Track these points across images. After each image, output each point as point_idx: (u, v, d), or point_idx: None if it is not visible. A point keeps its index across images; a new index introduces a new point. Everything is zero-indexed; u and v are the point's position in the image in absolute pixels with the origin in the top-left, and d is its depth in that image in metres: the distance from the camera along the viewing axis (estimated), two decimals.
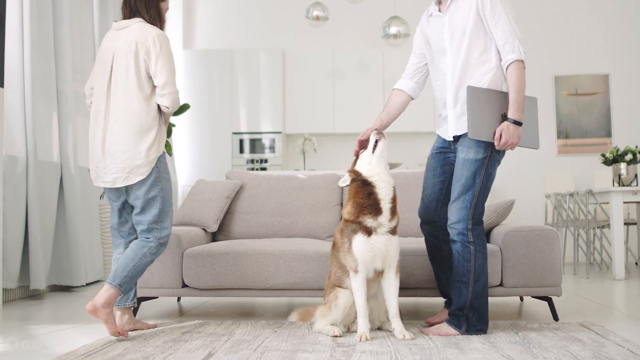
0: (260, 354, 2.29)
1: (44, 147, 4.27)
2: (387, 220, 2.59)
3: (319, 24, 6.33)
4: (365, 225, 2.58)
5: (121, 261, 2.69)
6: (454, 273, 2.70)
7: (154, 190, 2.72)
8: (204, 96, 7.11)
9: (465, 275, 2.64)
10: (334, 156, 7.35)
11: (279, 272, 3.13)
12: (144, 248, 2.72)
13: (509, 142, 2.59)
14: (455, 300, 2.68)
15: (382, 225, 2.59)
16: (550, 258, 3.06)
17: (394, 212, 2.63)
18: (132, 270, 2.67)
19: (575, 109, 7.33)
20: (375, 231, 2.58)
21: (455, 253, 2.68)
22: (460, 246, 2.65)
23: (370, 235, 2.58)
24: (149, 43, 2.74)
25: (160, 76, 2.71)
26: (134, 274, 2.68)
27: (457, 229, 2.65)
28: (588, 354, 2.24)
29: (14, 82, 4.02)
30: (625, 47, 7.35)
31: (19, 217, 3.94)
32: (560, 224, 6.06)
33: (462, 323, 2.65)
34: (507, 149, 2.65)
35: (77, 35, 4.88)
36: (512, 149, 2.64)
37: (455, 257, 2.68)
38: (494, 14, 2.63)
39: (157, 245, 2.74)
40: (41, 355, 2.37)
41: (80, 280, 4.41)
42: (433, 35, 2.82)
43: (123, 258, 2.70)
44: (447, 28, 2.74)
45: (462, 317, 2.65)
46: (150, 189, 2.72)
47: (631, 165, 5.46)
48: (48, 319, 3.30)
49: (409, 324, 2.87)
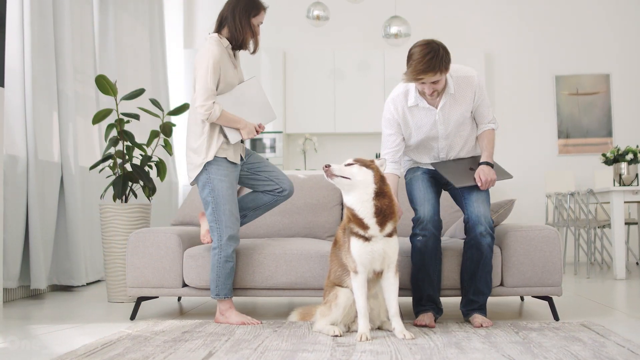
0: (261, 354, 2.29)
1: (45, 146, 4.27)
2: (377, 232, 2.57)
3: (320, 24, 6.33)
4: (359, 233, 2.59)
5: (210, 276, 3.03)
6: (485, 265, 2.91)
7: (204, 191, 2.99)
8: None
9: (490, 266, 2.94)
10: (335, 156, 7.34)
11: (279, 272, 3.13)
12: (213, 258, 3.00)
13: (489, 179, 2.95)
14: (486, 290, 2.95)
15: (375, 235, 2.58)
16: (550, 258, 3.06)
17: (383, 223, 2.58)
18: (219, 279, 2.99)
19: (576, 108, 7.32)
20: (371, 239, 2.58)
21: (487, 247, 2.88)
22: (490, 240, 2.88)
23: (367, 241, 2.58)
24: (197, 55, 2.99)
25: (194, 89, 2.94)
26: (223, 280, 2.99)
27: (486, 224, 2.88)
28: (589, 354, 2.24)
29: (15, 82, 4.02)
30: (626, 46, 7.34)
31: (20, 217, 3.94)
32: (561, 224, 6.05)
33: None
34: (489, 186, 2.97)
35: (78, 34, 4.88)
36: (493, 185, 2.97)
37: (486, 251, 2.89)
38: (483, 98, 3.02)
39: (219, 246, 2.96)
40: (41, 355, 2.37)
41: (80, 280, 4.41)
42: (420, 124, 3.01)
43: (210, 272, 3.03)
44: (440, 121, 2.99)
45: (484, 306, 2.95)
46: (202, 190, 3.00)
47: (632, 165, 5.45)
48: (48, 318, 3.30)
49: (408, 323, 2.87)
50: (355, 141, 7.34)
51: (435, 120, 2.98)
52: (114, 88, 3.93)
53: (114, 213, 3.92)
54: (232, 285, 3.04)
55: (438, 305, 2.98)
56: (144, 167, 4.04)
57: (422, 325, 2.83)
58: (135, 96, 4.01)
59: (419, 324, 2.85)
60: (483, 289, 2.95)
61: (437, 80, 2.81)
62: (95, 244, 4.86)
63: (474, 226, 2.90)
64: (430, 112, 2.97)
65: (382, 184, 2.62)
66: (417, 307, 2.99)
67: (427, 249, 2.92)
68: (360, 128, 7.19)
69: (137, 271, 3.20)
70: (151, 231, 3.25)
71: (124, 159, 4.01)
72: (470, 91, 2.96)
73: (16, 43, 4.04)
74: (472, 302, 2.95)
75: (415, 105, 2.97)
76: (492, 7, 7.47)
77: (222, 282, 2.99)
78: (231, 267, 3.00)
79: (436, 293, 2.98)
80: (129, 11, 5.90)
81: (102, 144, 5.08)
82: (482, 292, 2.95)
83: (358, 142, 7.32)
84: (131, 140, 4.01)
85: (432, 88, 2.84)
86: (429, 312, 2.93)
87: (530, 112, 7.38)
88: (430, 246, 2.93)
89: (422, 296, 2.97)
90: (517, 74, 7.42)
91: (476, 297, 2.94)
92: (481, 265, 2.92)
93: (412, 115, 3.00)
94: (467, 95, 2.96)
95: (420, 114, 2.99)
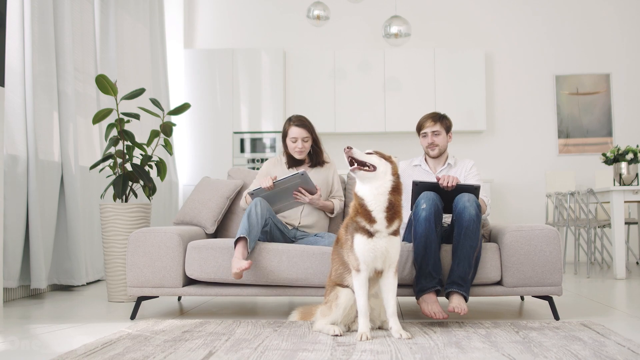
0: (261, 353, 2.29)
1: (45, 146, 4.27)
2: (383, 227, 2.56)
3: (320, 24, 6.33)
4: (364, 227, 2.58)
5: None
6: (467, 237, 2.91)
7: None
8: (205, 96, 7.12)
9: (475, 241, 2.92)
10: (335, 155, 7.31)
11: (282, 267, 3.12)
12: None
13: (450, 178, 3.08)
14: (466, 265, 2.91)
15: (380, 231, 2.57)
16: (551, 257, 3.06)
17: (391, 219, 2.56)
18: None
19: (576, 108, 7.32)
20: (375, 234, 2.58)
21: (469, 218, 2.91)
22: (474, 212, 2.92)
23: (371, 237, 2.57)
24: None
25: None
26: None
27: (471, 200, 2.95)
28: (589, 353, 2.24)
29: (15, 81, 4.02)
30: (626, 46, 7.34)
31: (20, 217, 3.94)
32: (561, 224, 6.05)
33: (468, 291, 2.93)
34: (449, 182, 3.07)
35: (78, 34, 4.88)
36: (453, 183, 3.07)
37: (468, 222, 2.91)
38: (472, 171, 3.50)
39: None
40: (41, 355, 2.37)
41: (80, 280, 4.41)
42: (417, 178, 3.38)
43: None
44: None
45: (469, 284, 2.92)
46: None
47: (632, 164, 5.45)
48: (48, 318, 3.30)
49: (409, 323, 2.87)
50: (355, 141, 7.33)
51: (430, 179, 3.39)
52: (114, 88, 3.93)
53: (114, 213, 3.92)
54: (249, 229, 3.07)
55: (439, 277, 2.93)
56: (144, 166, 4.04)
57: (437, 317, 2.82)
58: (136, 96, 4.01)
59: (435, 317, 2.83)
60: (463, 264, 2.89)
61: (438, 133, 3.45)
62: (95, 243, 4.86)
63: (457, 202, 2.99)
64: (429, 175, 3.48)
65: (398, 180, 2.63)
66: (421, 280, 2.94)
67: (431, 218, 2.92)
68: (360, 128, 7.19)
69: (137, 271, 3.20)
70: (151, 231, 3.25)
71: (124, 158, 4.01)
72: (467, 165, 3.52)
73: (16, 42, 4.04)
74: (452, 273, 2.91)
75: (419, 165, 3.58)
76: (492, 7, 7.47)
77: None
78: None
79: (438, 263, 2.95)
80: (130, 11, 5.91)
81: (102, 144, 5.08)
82: (462, 265, 2.89)
83: (358, 142, 7.32)
84: (131, 140, 4.01)
85: (433, 139, 3.46)
86: (431, 292, 2.89)
87: (530, 112, 7.38)
88: (433, 217, 2.92)
89: (427, 264, 2.93)
90: (518, 73, 7.42)
91: (457, 267, 2.90)
92: (463, 237, 2.90)
93: (413, 171, 3.55)
94: (463, 167, 3.51)
95: (420, 173, 3.53)
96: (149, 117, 4.96)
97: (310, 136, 3.59)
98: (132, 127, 4.30)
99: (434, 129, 3.46)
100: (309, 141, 3.59)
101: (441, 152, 3.51)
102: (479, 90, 7.12)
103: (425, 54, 7.19)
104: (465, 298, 2.91)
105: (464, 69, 7.16)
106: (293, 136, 3.54)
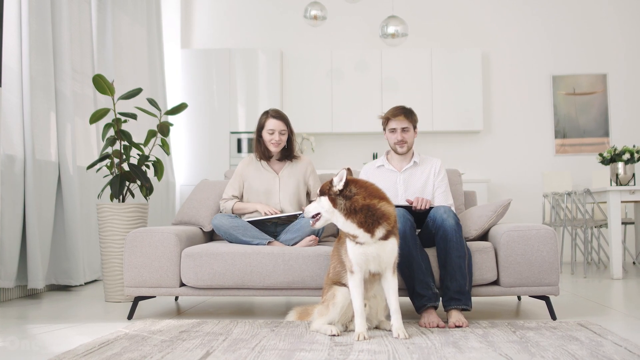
0: (258, 353, 2.29)
1: (42, 146, 4.26)
2: (368, 238, 2.55)
3: (317, 24, 6.33)
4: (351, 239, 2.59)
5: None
6: (453, 248, 2.90)
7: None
8: (202, 96, 7.11)
9: (462, 251, 2.91)
10: (332, 156, 7.35)
11: (277, 271, 3.12)
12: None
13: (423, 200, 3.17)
14: (459, 277, 2.89)
15: (366, 242, 2.56)
16: (547, 257, 3.06)
17: (371, 229, 2.53)
18: None
19: (573, 108, 7.33)
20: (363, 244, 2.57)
21: (451, 229, 2.91)
22: (453, 222, 2.93)
23: (361, 245, 2.57)
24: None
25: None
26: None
27: (447, 210, 2.99)
28: (585, 353, 2.25)
29: (12, 81, 4.01)
30: (623, 46, 7.36)
31: (17, 217, 3.93)
32: (558, 224, 6.06)
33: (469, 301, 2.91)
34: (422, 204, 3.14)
35: (76, 34, 4.88)
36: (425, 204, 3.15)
37: (451, 233, 2.91)
38: (442, 181, 3.40)
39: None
40: (39, 355, 2.37)
41: (78, 280, 4.41)
42: (382, 182, 3.23)
43: None
44: (401, 183, 3.38)
45: (468, 294, 2.89)
46: None
47: (629, 164, 5.46)
48: (46, 318, 3.29)
49: (406, 323, 2.87)
50: (352, 141, 7.34)
51: (396, 179, 3.38)
52: (111, 88, 3.92)
53: (111, 213, 3.91)
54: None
55: (433, 290, 2.91)
56: (141, 166, 4.04)
57: (434, 326, 2.81)
58: (133, 96, 4.00)
59: (430, 326, 2.82)
60: (457, 278, 2.87)
61: (408, 129, 3.34)
62: (92, 243, 4.85)
63: (434, 215, 3.02)
64: (394, 174, 3.40)
65: (346, 202, 2.55)
66: (415, 299, 2.94)
67: (406, 234, 2.90)
68: (357, 128, 7.19)
69: (134, 271, 3.19)
70: (149, 231, 3.25)
71: (121, 158, 4.01)
72: (435, 166, 3.41)
73: (14, 42, 4.04)
74: (448, 290, 2.89)
75: (382, 166, 3.44)
76: (489, 6, 7.49)
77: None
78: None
79: (427, 277, 2.92)
80: (127, 11, 5.90)
81: (99, 144, 5.07)
82: (455, 279, 2.87)
83: (355, 142, 7.33)
84: (128, 139, 4.00)
85: (402, 136, 3.33)
86: (429, 307, 2.89)
87: (527, 112, 7.39)
88: (408, 233, 2.91)
89: (414, 284, 2.91)
90: (514, 73, 7.43)
91: (451, 283, 2.88)
92: (449, 249, 2.89)
93: (379, 172, 3.42)
94: (432, 167, 3.41)
95: (386, 175, 3.40)
96: (146, 117, 4.95)
97: (287, 129, 3.61)
98: (129, 127, 4.29)
99: (404, 125, 3.34)
100: (285, 134, 3.61)
101: (409, 149, 3.41)
102: (476, 90, 7.14)
103: (422, 54, 7.20)
104: (467, 309, 2.90)
105: (461, 69, 7.17)
106: (270, 128, 3.55)
